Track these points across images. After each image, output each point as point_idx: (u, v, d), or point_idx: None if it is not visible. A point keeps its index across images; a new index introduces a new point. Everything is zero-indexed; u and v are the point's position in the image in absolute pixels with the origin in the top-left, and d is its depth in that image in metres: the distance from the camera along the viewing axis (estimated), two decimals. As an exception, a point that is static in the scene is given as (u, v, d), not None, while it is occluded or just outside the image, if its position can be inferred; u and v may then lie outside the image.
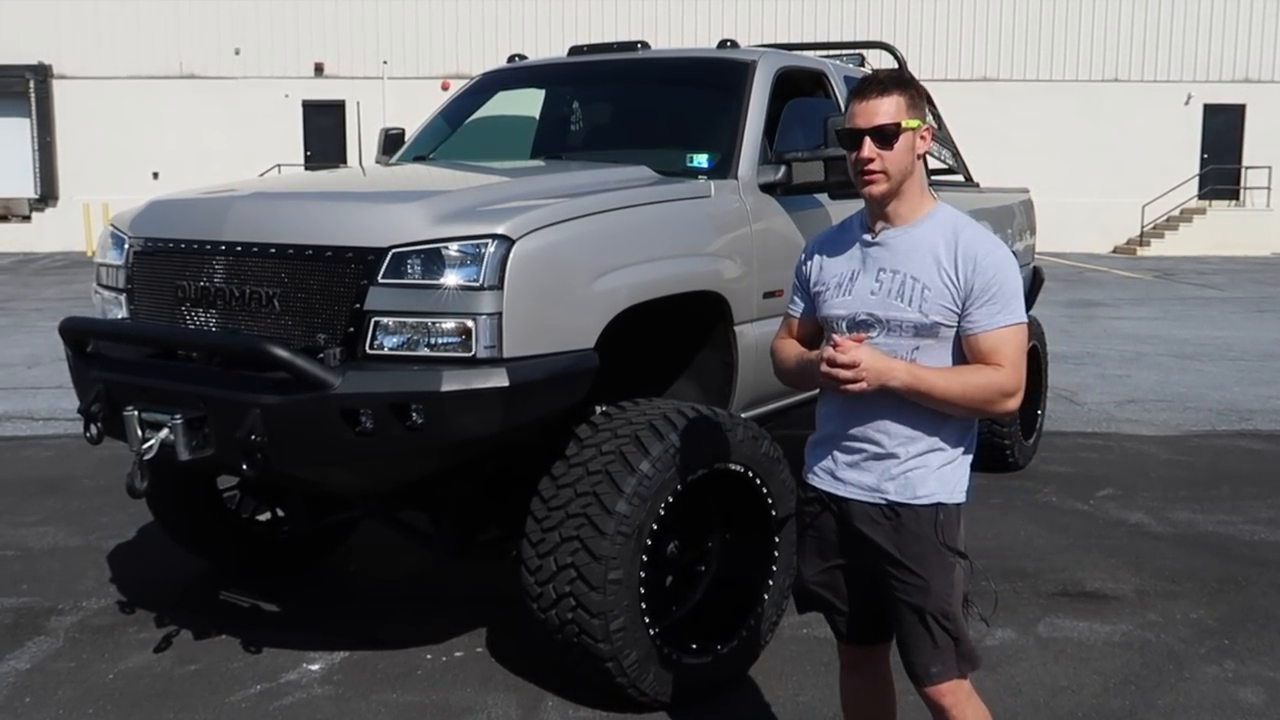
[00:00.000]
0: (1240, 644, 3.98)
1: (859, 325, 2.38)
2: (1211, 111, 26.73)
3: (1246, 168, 26.78)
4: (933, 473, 2.38)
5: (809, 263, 2.54)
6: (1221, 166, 26.64)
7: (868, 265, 2.40)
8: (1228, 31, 26.47)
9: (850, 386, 2.27)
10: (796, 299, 2.59)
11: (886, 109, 2.31)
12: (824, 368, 2.29)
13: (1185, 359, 10.53)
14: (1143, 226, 26.08)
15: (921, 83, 2.61)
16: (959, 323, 2.33)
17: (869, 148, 2.31)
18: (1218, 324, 13.28)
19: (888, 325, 2.35)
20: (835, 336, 2.34)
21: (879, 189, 2.35)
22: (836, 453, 2.46)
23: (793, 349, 2.56)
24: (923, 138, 2.37)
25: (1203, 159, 26.76)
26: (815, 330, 2.56)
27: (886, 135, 2.31)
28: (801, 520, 2.58)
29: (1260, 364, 10.30)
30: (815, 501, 2.51)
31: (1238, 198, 26.99)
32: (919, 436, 2.37)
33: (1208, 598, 4.43)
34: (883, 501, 2.39)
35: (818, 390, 2.53)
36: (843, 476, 2.44)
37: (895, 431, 2.37)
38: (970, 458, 2.45)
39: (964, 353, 2.35)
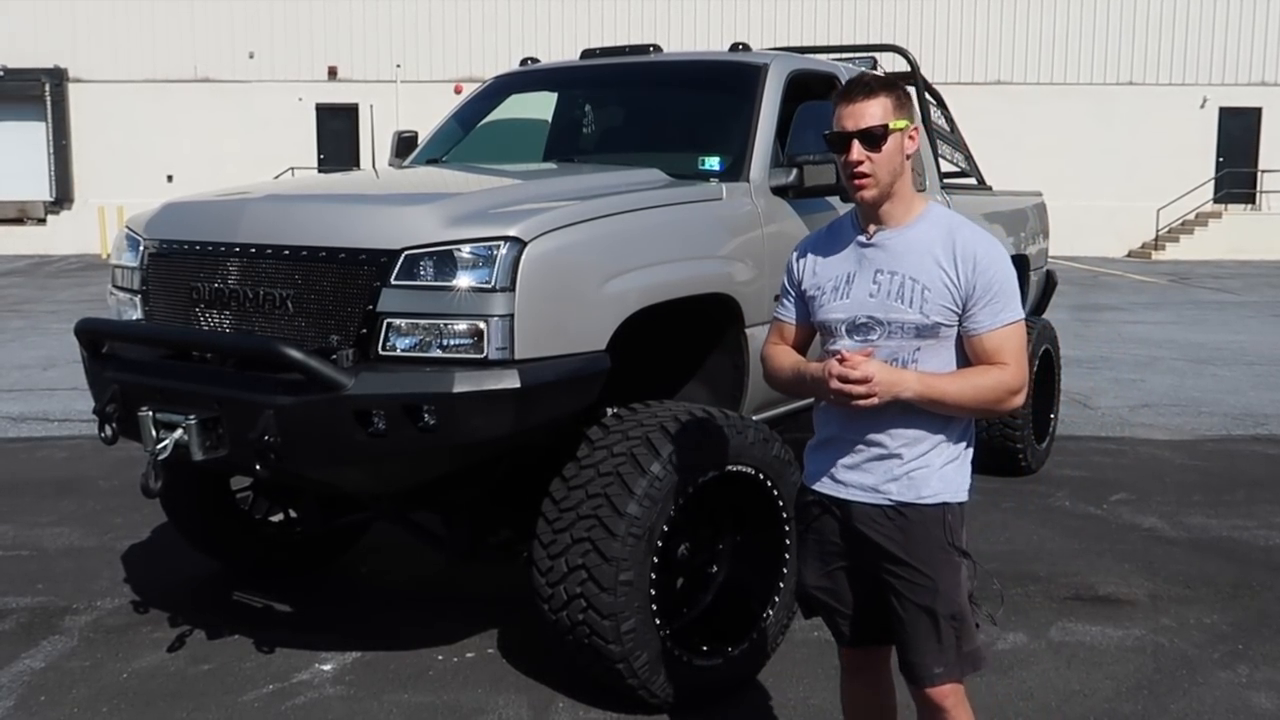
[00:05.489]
0: (1254, 649, 3.96)
1: (859, 328, 2.36)
2: (1227, 115, 26.60)
3: (1263, 171, 26.64)
4: (935, 472, 2.37)
5: (800, 266, 2.51)
6: (1237, 170, 26.51)
7: (864, 267, 2.38)
8: (1243, 34, 26.34)
9: (862, 402, 2.25)
10: (787, 304, 2.55)
11: (873, 111, 2.30)
12: (834, 384, 2.25)
13: (1200, 364, 10.48)
14: (1157, 230, 25.97)
15: (934, 85, 2.60)
16: (960, 323, 2.32)
17: (858, 150, 2.30)
18: (1233, 328, 13.21)
19: (889, 327, 2.33)
20: (843, 350, 2.30)
21: (870, 193, 2.33)
22: (837, 456, 2.44)
23: (788, 358, 2.51)
24: (910, 138, 2.35)
25: (1218, 162, 26.63)
26: (808, 336, 2.54)
27: (874, 138, 2.29)
28: (801, 524, 2.56)
29: (1276, 369, 10.23)
30: (815, 505, 2.50)
31: (1254, 201, 26.84)
32: (923, 436, 2.36)
33: (1221, 603, 4.41)
34: (886, 502, 2.38)
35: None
36: (843, 479, 2.43)
37: (899, 433, 2.36)
38: (971, 454, 2.45)
39: (965, 352, 2.36)
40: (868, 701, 2.64)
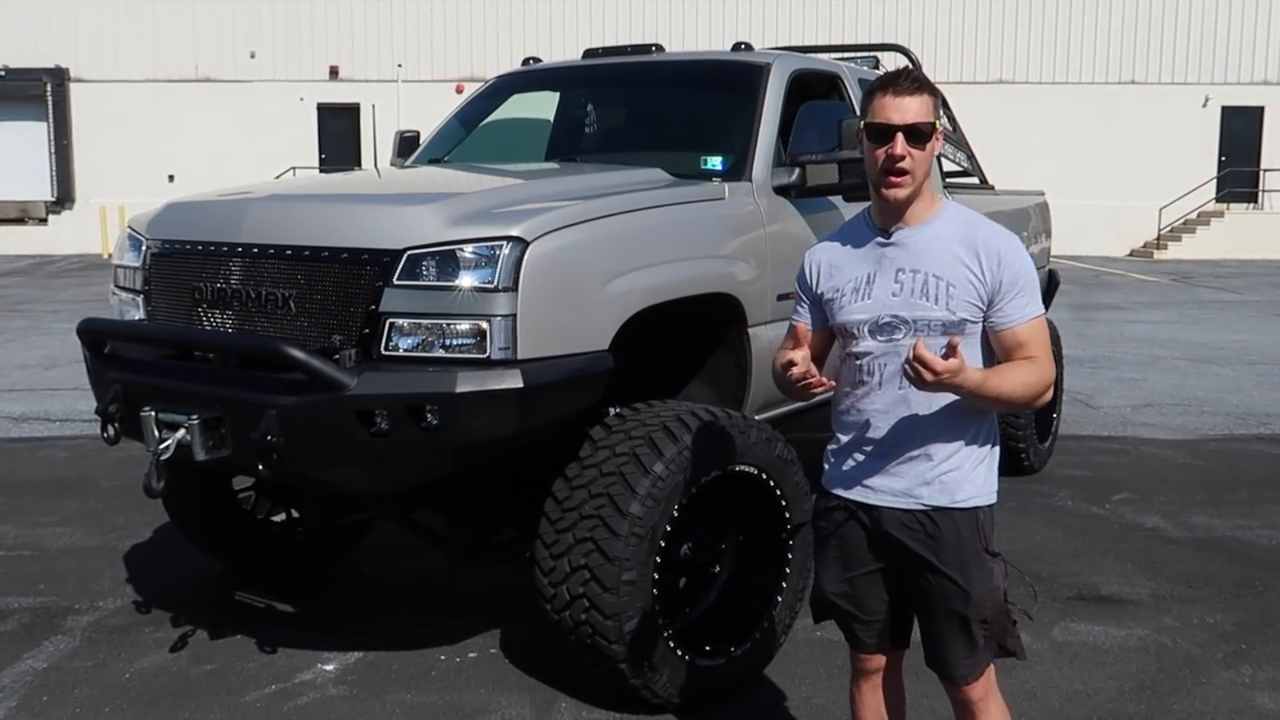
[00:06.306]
0: (1258, 649, 3.96)
1: (883, 328, 2.31)
2: (1230, 114, 26.56)
3: (1265, 170, 26.61)
4: (967, 476, 2.34)
5: (814, 271, 2.45)
6: (1239, 169, 26.47)
7: (884, 266, 2.33)
8: (1246, 33, 26.31)
9: (927, 378, 2.11)
10: (801, 309, 2.50)
11: (920, 108, 2.24)
12: (914, 358, 2.12)
13: (1202, 363, 10.47)
14: (1160, 229, 25.94)
15: (935, 85, 2.58)
16: (985, 318, 2.29)
17: (902, 145, 2.23)
18: (1235, 328, 13.19)
19: (914, 325, 2.28)
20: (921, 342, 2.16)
21: (905, 190, 2.27)
22: (863, 458, 2.38)
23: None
24: (938, 139, 2.32)
25: (1220, 162, 26.60)
26: (825, 341, 2.48)
27: (921, 134, 2.24)
28: (821, 530, 2.50)
29: (1278, 368, 10.22)
30: (839, 510, 2.44)
31: (1256, 201, 26.80)
32: (950, 437, 2.32)
33: (1224, 602, 4.41)
34: (919, 507, 2.34)
35: (829, 396, 2.48)
36: (871, 484, 2.38)
37: (926, 433, 2.32)
38: (998, 454, 2.41)
39: (991, 347, 2.32)
40: (879, 703, 2.60)
